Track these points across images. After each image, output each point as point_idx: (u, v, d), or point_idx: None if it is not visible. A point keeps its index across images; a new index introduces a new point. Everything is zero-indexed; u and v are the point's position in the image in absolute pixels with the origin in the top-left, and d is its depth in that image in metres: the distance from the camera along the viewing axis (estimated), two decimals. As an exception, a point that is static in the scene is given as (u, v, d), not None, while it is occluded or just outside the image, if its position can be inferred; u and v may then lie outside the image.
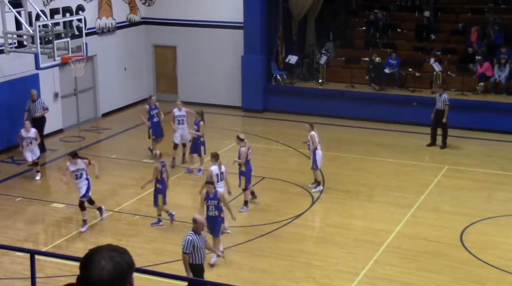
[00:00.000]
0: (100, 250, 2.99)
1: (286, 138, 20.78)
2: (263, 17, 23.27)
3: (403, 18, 26.21)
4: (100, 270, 2.91)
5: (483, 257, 13.19)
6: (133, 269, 3.02)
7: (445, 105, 19.41)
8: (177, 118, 18.13)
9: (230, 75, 24.08)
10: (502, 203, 16.06)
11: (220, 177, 14.38)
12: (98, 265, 2.92)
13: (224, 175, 14.44)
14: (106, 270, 2.91)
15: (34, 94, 19.08)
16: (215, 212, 12.98)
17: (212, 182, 13.35)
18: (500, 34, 23.60)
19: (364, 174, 17.86)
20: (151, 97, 18.99)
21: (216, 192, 13.05)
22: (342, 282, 12.34)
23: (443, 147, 19.75)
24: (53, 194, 17.05)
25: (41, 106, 19.15)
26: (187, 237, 11.16)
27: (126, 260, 2.99)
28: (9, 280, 12.42)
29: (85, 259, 2.98)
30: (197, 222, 11.21)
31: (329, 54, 24.53)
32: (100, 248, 3.00)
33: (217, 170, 14.35)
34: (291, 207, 15.71)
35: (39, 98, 19.27)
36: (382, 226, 14.66)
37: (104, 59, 23.15)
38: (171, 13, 24.50)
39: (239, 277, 12.46)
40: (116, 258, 2.96)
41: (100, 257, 2.95)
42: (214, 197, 12.99)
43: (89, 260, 2.96)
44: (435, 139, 19.86)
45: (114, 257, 2.96)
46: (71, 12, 21.52)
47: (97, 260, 2.94)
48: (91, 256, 2.97)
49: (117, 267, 2.94)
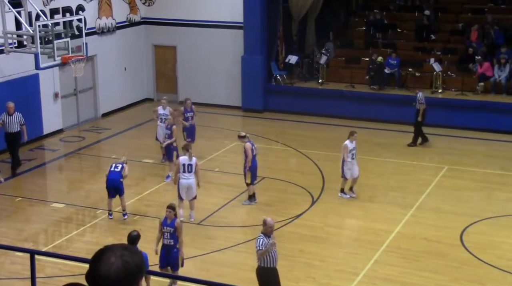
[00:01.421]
0: (113, 247, 2.98)
1: (286, 139, 20.78)
2: (263, 17, 23.26)
3: (403, 18, 26.21)
4: (108, 267, 2.90)
5: (483, 257, 13.19)
6: (143, 272, 2.99)
7: (419, 105, 19.39)
8: (160, 116, 18.32)
9: (230, 75, 24.07)
10: (502, 203, 16.06)
11: (188, 168, 14.40)
12: (107, 261, 2.91)
13: (193, 167, 14.43)
14: (114, 267, 2.90)
15: (11, 107, 17.57)
16: (170, 241, 11.72)
17: (173, 206, 12.04)
18: (500, 34, 23.61)
19: (364, 174, 17.82)
20: (187, 101, 18.72)
21: (174, 220, 11.79)
22: (342, 282, 12.35)
23: (412, 144, 19.73)
24: (53, 194, 17.05)
25: (18, 121, 17.63)
26: (259, 238, 10.69)
27: (135, 261, 2.96)
28: (9, 280, 12.42)
29: (96, 254, 2.98)
30: (265, 224, 10.74)
31: (329, 54, 24.53)
32: (113, 246, 3.00)
33: (185, 160, 14.38)
34: (291, 207, 15.71)
35: (16, 112, 17.68)
36: (382, 226, 14.66)
37: (104, 59, 23.15)
38: (171, 13, 24.50)
39: (239, 277, 12.45)
40: (126, 258, 2.94)
41: (111, 254, 2.94)
42: (171, 223, 11.72)
43: (99, 255, 2.96)
44: (425, 137, 19.88)
45: (124, 256, 2.94)
46: (71, 12, 21.51)
47: (107, 256, 2.93)
48: (103, 251, 2.97)
49: (125, 266, 2.92)
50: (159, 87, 25.53)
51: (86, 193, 16.71)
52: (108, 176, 14.81)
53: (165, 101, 18.58)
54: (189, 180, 14.44)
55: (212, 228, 14.74)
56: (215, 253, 13.47)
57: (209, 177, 17.82)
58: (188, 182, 14.48)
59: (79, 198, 16.46)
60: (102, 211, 15.28)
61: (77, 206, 15.96)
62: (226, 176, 17.68)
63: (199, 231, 14.58)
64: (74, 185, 17.78)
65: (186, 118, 18.50)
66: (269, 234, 10.72)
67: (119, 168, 14.80)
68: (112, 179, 14.70)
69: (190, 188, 14.54)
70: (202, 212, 15.42)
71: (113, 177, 14.72)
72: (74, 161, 19.56)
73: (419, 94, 19.61)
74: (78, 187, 17.48)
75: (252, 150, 15.52)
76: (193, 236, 14.32)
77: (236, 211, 15.74)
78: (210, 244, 13.84)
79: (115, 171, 14.79)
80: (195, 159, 14.58)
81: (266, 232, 10.72)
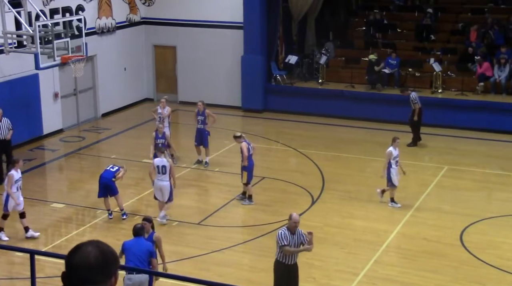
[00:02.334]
0: (87, 242, 3.08)
1: (286, 139, 20.78)
2: (263, 17, 23.26)
3: (403, 18, 26.21)
4: (86, 254, 2.98)
5: (483, 257, 13.19)
6: (118, 264, 3.09)
7: (414, 105, 19.39)
8: (158, 115, 18.30)
9: (230, 75, 24.07)
10: (502, 203, 16.06)
11: (163, 170, 14.40)
12: (85, 250, 3.00)
13: (167, 169, 14.40)
14: (92, 254, 2.98)
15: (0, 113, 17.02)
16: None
17: (150, 219, 11.38)
18: (500, 34, 23.60)
19: (364, 174, 17.85)
20: (198, 103, 18.20)
21: (152, 234, 11.12)
22: (342, 282, 12.34)
23: (412, 144, 19.74)
24: (53, 194, 17.05)
25: (7, 127, 17.15)
26: (280, 231, 10.53)
27: (112, 252, 3.06)
28: (9, 280, 12.42)
29: (71, 249, 3.07)
30: (290, 219, 10.53)
31: (329, 54, 24.52)
32: (87, 241, 3.09)
33: (159, 162, 14.40)
34: (291, 207, 15.67)
35: (4, 118, 17.13)
36: (382, 226, 14.66)
37: (104, 59, 23.15)
38: (171, 13, 24.50)
39: (240, 277, 12.46)
40: (103, 246, 3.04)
41: (87, 245, 3.03)
42: (149, 238, 10.99)
43: (75, 248, 3.05)
44: (419, 137, 19.90)
45: (100, 245, 3.04)
46: (71, 12, 21.50)
47: (83, 248, 3.02)
48: (79, 245, 3.06)
49: (104, 253, 3.02)
50: (159, 87, 25.52)
51: (86, 193, 16.70)
52: (101, 174, 14.88)
53: (164, 101, 18.58)
54: (162, 182, 14.44)
55: (212, 228, 14.74)
56: (215, 253, 13.46)
57: (209, 177, 17.84)
58: (161, 183, 14.49)
59: (79, 198, 16.47)
60: (102, 211, 15.29)
61: (77, 206, 15.96)
62: (226, 176, 17.67)
63: (199, 231, 14.59)
64: (74, 185, 17.79)
65: (196, 121, 18.25)
66: (293, 229, 10.51)
67: (114, 169, 14.86)
68: (104, 177, 14.82)
69: (164, 189, 14.53)
70: (202, 212, 15.43)
71: (106, 175, 14.82)
72: (74, 161, 19.56)
73: (413, 94, 19.58)
74: (78, 187, 17.49)
75: (248, 149, 15.51)
76: (193, 236, 14.34)
77: (236, 211, 15.75)
78: (210, 244, 13.84)
79: (110, 170, 14.86)
80: (167, 161, 14.51)
81: (289, 227, 10.50)
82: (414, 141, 19.85)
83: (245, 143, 15.59)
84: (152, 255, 10.60)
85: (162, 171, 14.41)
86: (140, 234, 10.66)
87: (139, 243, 10.54)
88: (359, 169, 18.27)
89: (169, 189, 14.51)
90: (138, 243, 10.52)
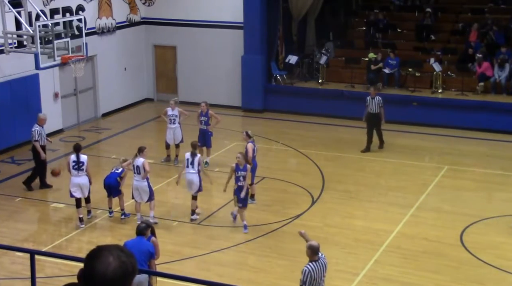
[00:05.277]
0: (109, 247, 3.01)
1: (286, 138, 20.78)
2: (263, 17, 23.26)
3: (403, 18, 26.21)
4: (105, 266, 2.93)
5: (483, 257, 13.19)
6: (136, 273, 3.03)
7: (379, 108, 19.25)
8: (169, 117, 18.23)
9: (230, 75, 24.07)
10: (502, 203, 16.06)
11: (137, 170, 14.42)
12: (105, 261, 2.94)
13: (140, 169, 14.38)
14: (111, 267, 2.93)
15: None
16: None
17: (150, 224, 11.34)
18: (500, 34, 23.60)
19: (364, 174, 17.86)
20: (201, 104, 18.23)
21: (150, 238, 10.95)
22: (342, 282, 12.34)
23: (382, 146, 19.57)
24: (53, 194, 17.03)
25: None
26: (304, 269, 9.60)
27: (132, 262, 3.00)
28: (9, 280, 12.42)
29: (93, 252, 3.00)
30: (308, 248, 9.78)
31: (329, 54, 24.53)
32: (109, 246, 3.03)
33: (139, 162, 14.41)
34: (291, 207, 15.71)
35: None
36: (382, 226, 14.66)
37: (104, 59, 23.16)
38: (171, 13, 24.50)
39: (240, 277, 12.46)
40: (123, 258, 2.97)
41: (109, 253, 2.97)
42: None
43: (96, 253, 2.98)
44: (371, 144, 19.49)
45: (121, 257, 2.97)
46: (71, 12, 21.51)
47: (104, 255, 2.96)
48: (100, 250, 2.99)
49: (122, 267, 2.95)
50: (159, 87, 25.53)
51: (86, 193, 16.68)
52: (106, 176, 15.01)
53: (173, 103, 18.48)
54: (139, 182, 14.47)
55: (212, 228, 14.74)
56: (215, 253, 13.47)
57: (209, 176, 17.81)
58: (137, 184, 14.52)
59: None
60: (102, 211, 15.29)
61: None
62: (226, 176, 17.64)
63: (199, 231, 14.60)
64: (74, 185, 17.75)
65: (199, 122, 18.20)
66: (315, 258, 9.67)
67: (119, 170, 14.92)
68: (108, 177, 14.95)
69: (141, 190, 14.52)
70: (202, 212, 15.42)
71: (110, 175, 14.96)
72: (74, 161, 19.51)
73: (378, 98, 19.19)
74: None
75: (253, 150, 15.58)
76: (193, 236, 14.34)
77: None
78: (210, 244, 13.84)
79: (115, 172, 14.96)
80: (141, 161, 14.43)
81: (311, 258, 9.72)
82: (369, 146, 19.46)
83: (251, 143, 15.66)
84: (152, 256, 10.61)
85: (137, 171, 14.41)
86: (143, 233, 10.71)
87: (140, 243, 10.55)
88: (359, 169, 18.27)
89: (145, 189, 14.50)
90: (139, 243, 10.54)
